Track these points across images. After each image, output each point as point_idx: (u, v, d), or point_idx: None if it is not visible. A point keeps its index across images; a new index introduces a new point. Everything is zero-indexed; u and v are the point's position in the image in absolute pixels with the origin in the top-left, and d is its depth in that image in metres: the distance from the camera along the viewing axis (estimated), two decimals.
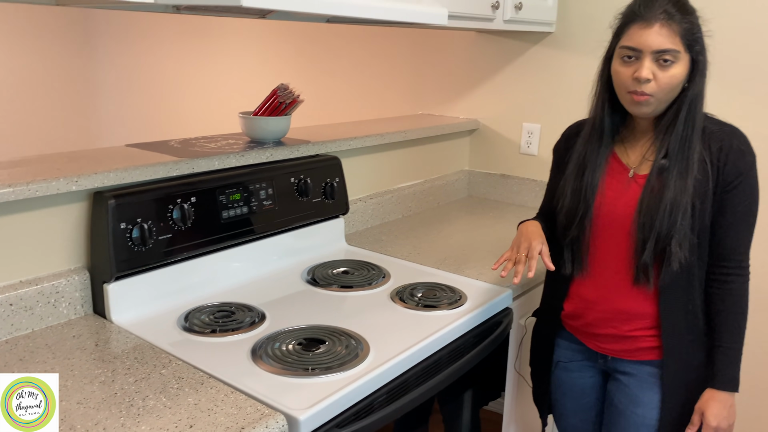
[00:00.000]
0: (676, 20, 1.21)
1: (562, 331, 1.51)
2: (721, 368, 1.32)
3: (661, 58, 1.21)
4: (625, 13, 1.27)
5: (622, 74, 1.26)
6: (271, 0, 1.10)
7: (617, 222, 1.33)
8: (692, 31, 1.22)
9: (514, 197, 2.50)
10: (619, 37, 1.27)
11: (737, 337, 1.32)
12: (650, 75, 1.22)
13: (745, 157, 1.26)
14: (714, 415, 1.31)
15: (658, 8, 1.21)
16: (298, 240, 1.77)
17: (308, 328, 1.36)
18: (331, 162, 1.86)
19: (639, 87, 1.23)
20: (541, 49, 2.35)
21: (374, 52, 2.82)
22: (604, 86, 1.35)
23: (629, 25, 1.25)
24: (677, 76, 1.23)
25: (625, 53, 1.25)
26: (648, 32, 1.21)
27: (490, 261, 1.80)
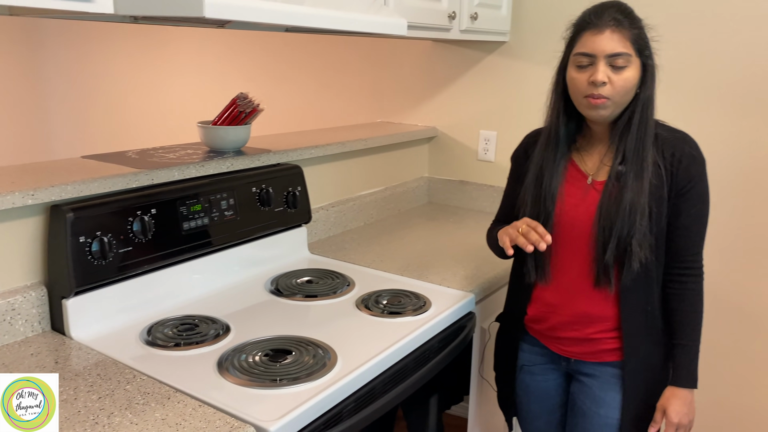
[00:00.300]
0: (626, 26, 1.26)
1: (526, 335, 1.53)
2: (681, 366, 1.37)
3: (614, 62, 1.26)
4: (577, 22, 1.32)
5: (577, 80, 1.30)
6: (233, 11, 1.10)
7: (578, 228, 1.37)
8: (641, 36, 1.28)
9: (472, 203, 2.54)
10: (573, 46, 1.32)
11: (696, 336, 1.37)
12: (605, 78, 1.26)
13: (696, 163, 1.32)
14: (675, 412, 1.36)
15: (607, 16, 1.27)
16: (261, 250, 1.76)
17: (274, 338, 1.35)
18: (292, 171, 1.86)
19: (595, 90, 1.27)
20: (495, 58, 2.40)
21: (332, 61, 2.83)
22: (559, 96, 1.39)
23: (581, 33, 1.30)
24: (630, 79, 1.27)
25: (580, 60, 1.29)
26: (600, 38, 1.26)
27: (453, 266, 1.83)
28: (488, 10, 2.17)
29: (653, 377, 1.40)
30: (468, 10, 2.05)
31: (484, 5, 2.14)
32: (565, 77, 1.35)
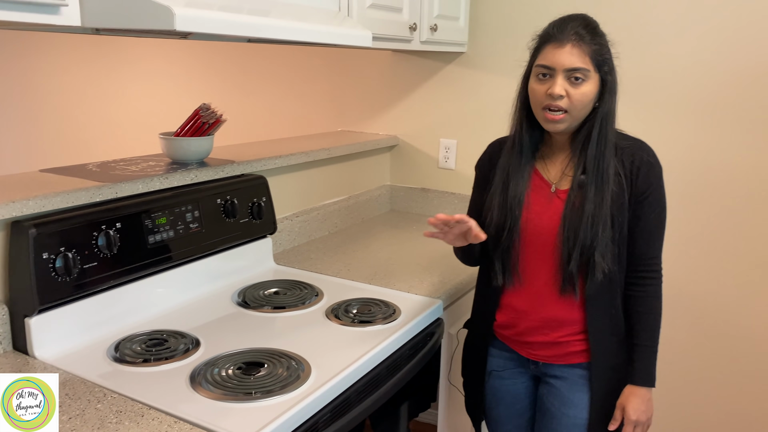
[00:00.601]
0: (587, 41, 1.30)
1: (495, 340, 1.56)
2: (639, 366, 1.42)
3: (572, 75, 1.30)
4: (541, 34, 1.36)
5: (537, 91, 1.34)
6: (204, 24, 1.10)
7: (543, 235, 1.40)
8: (601, 52, 1.32)
9: (434, 210, 2.57)
10: (535, 57, 1.36)
11: (654, 336, 1.42)
12: (563, 91, 1.30)
13: (654, 169, 1.37)
14: (634, 409, 1.41)
15: (570, 30, 1.30)
16: (227, 262, 1.75)
17: (246, 351, 1.34)
18: (257, 181, 1.85)
19: (553, 102, 1.31)
20: (454, 68, 2.45)
21: (292, 70, 2.83)
22: (522, 105, 1.42)
23: (544, 45, 1.33)
24: (588, 93, 1.31)
25: (540, 71, 1.33)
26: (560, 52, 1.30)
27: (419, 274, 1.85)
28: (447, 22, 2.21)
29: (619, 377, 1.44)
30: (428, 22, 2.09)
31: (442, 17, 2.18)
32: (527, 87, 1.38)
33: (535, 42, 1.37)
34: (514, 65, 2.30)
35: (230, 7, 1.28)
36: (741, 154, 2.03)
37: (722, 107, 2.04)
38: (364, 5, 1.78)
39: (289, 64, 2.83)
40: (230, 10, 1.27)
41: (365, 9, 1.79)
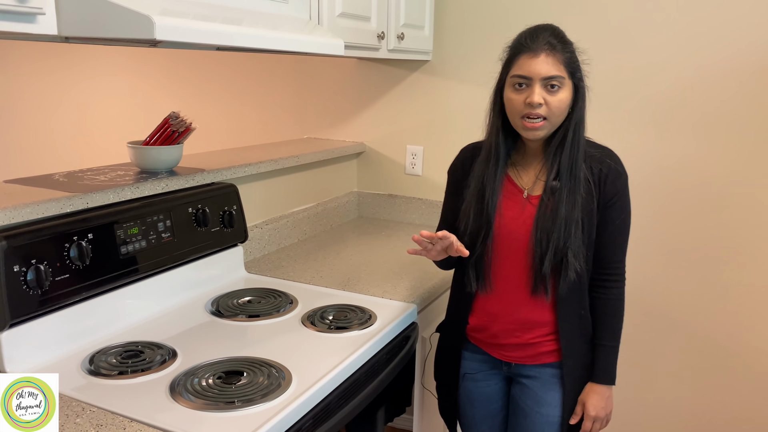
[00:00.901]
0: (559, 50, 1.34)
1: (468, 343, 1.59)
2: (601, 364, 1.47)
3: (549, 84, 1.34)
4: (513, 45, 1.39)
5: (514, 101, 1.37)
6: (184, 33, 1.09)
7: (516, 240, 1.44)
8: (572, 60, 1.37)
9: (402, 216, 2.60)
10: (509, 68, 1.38)
11: (616, 337, 1.48)
12: (541, 99, 1.33)
13: (620, 177, 1.43)
14: (593, 405, 1.46)
15: (542, 40, 1.34)
16: (199, 271, 1.73)
17: (225, 360, 1.34)
18: (227, 190, 1.84)
19: (532, 111, 1.34)
20: (420, 76, 2.48)
21: (256, 78, 2.82)
22: (497, 114, 1.44)
23: (518, 56, 1.36)
24: (564, 100, 1.36)
25: (517, 81, 1.36)
26: (536, 61, 1.33)
27: (392, 279, 1.87)
28: (413, 31, 2.25)
29: (588, 375, 1.49)
30: (395, 31, 2.12)
31: (408, 26, 2.21)
32: (502, 97, 1.41)
33: (507, 53, 1.40)
34: (477, 73, 2.37)
35: (204, 16, 1.29)
36: (700, 160, 2.12)
37: (683, 115, 2.12)
38: (334, 14, 1.80)
39: (252, 71, 2.82)
40: (204, 18, 1.27)
41: (335, 18, 1.80)
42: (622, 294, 1.48)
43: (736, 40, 2.01)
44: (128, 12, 1.03)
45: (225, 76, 2.89)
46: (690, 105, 2.10)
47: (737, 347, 2.19)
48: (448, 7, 2.38)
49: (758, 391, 2.18)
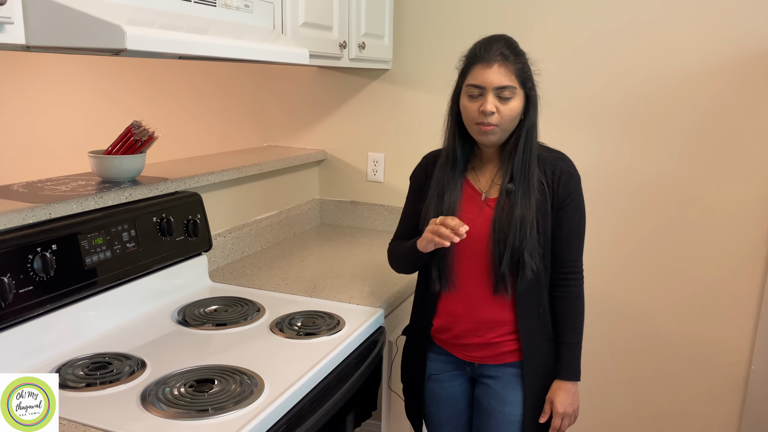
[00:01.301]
0: (511, 61, 1.41)
1: (433, 345, 1.63)
2: (565, 362, 1.53)
3: (501, 93, 1.40)
4: (468, 56, 1.45)
5: (469, 109, 1.43)
6: (155, 43, 1.10)
7: (476, 241, 1.49)
8: (524, 70, 1.43)
9: (364, 222, 2.62)
10: (465, 77, 1.44)
11: (578, 333, 1.54)
12: (494, 108, 1.40)
13: (573, 179, 1.49)
14: (561, 402, 1.52)
15: (495, 51, 1.40)
16: (164, 281, 1.72)
17: (195, 369, 1.34)
18: (191, 198, 1.84)
19: (485, 119, 1.40)
20: (380, 85, 2.52)
21: (215, 86, 2.81)
22: (454, 120, 1.51)
23: (472, 66, 1.43)
24: (516, 108, 1.42)
25: (471, 90, 1.42)
26: (489, 72, 1.39)
27: (358, 284, 1.89)
28: (373, 40, 2.28)
29: (549, 373, 1.55)
30: (356, 40, 2.15)
31: (369, 35, 2.25)
32: (458, 104, 1.47)
33: (462, 63, 1.46)
34: (435, 81, 2.42)
35: (170, 25, 1.29)
36: (646, 162, 2.22)
37: (630, 121, 2.22)
38: (298, 23, 1.82)
39: (211, 79, 2.81)
40: (171, 28, 1.27)
41: (299, 27, 1.82)
42: (581, 291, 1.54)
43: (675, 52, 2.12)
44: (99, 22, 1.03)
45: (183, 84, 2.87)
46: (636, 111, 2.20)
47: (690, 342, 2.29)
48: (406, 17, 2.43)
49: (712, 384, 2.29)
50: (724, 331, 2.23)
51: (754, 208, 2.13)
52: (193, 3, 1.42)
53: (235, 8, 1.55)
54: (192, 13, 1.43)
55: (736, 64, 2.07)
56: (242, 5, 1.58)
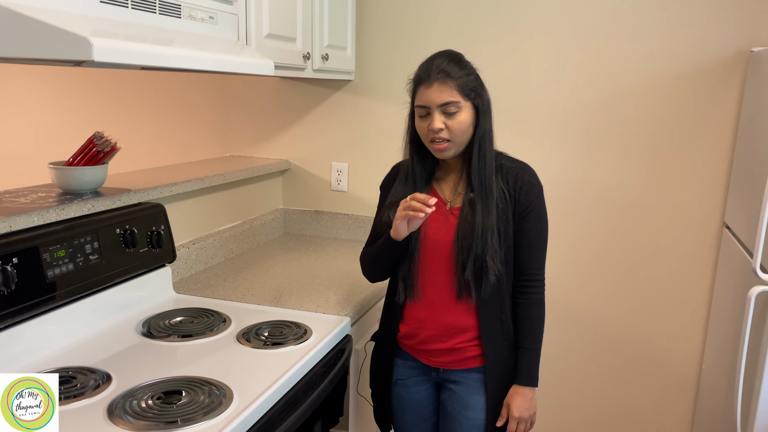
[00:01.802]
0: (452, 76, 1.44)
1: (399, 351, 1.66)
2: (523, 367, 1.57)
3: (446, 109, 1.44)
4: (413, 78, 1.50)
5: (421, 128, 1.48)
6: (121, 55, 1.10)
7: (441, 249, 1.52)
8: (466, 83, 1.46)
9: (328, 231, 2.64)
10: (413, 98, 1.50)
11: (537, 340, 1.58)
12: (441, 125, 1.44)
13: (535, 188, 1.54)
14: (517, 407, 1.55)
15: (435, 70, 1.44)
16: (127, 293, 1.70)
17: (162, 381, 1.33)
18: (155, 209, 1.82)
19: (436, 136, 1.45)
20: (343, 95, 2.55)
21: (177, 96, 2.79)
22: (411, 139, 1.55)
23: (417, 87, 1.48)
24: (464, 121, 1.46)
25: (420, 111, 1.47)
26: (430, 91, 1.44)
27: (324, 293, 1.90)
28: (336, 51, 2.31)
29: (512, 378, 1.58)
30: (319, 51, 2.18)
31: (332, 47, 2.27)
32: (414, 123, 1.52)
33: (410, 85, 1.51)
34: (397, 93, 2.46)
35: (135, 36, 1.29)
36: (604, 171, 2.30)
37: (587, 132, 2.30)
38: (262, 35, 1.83)
39: (173, 89, 2.79)
40: (135, 39, 1.27)
41: (263, 38, 1.84)
42: (542, 299, 1.59)
43: (629, 65, 2.21)
44: (64, 33, 1.02)
45: (145, 94, 2.84)
46: (593, 123, 2.28)
47: (645, 343, 2.37)
48: (368, 29, 2.46)
49: (667, 383, 2.38)
50: (677, 332, 2.32)
51: (703, 213, 2.23)
52: (158, 14, 1.42)
53: (199, 20, 1.55)
54: (157, 24, 1.43)
55: (686, 77, 2.17)
56: (207, 17, 1.58)
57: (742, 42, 2.10)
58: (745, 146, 2.00)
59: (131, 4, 1.35)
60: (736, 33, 2.10)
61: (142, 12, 1.38)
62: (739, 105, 2.13)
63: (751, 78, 2.04)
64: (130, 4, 1.35)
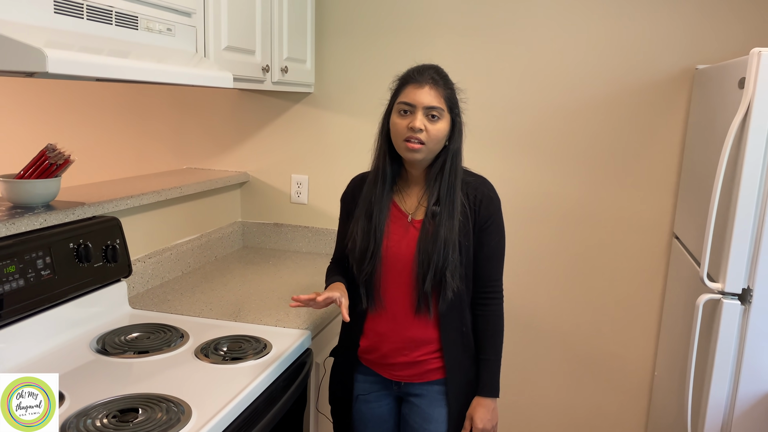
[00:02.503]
0: (441, 86, 1.48)
1: (360, 365, 1.65)
2: (485, 378, 1.58)
3: (430, 113, 1.46)
4: (402, 77, 1.52)
5: (399, 125, 1.49)
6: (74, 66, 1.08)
7: (401, 262, 1.53)
8: (452, 97, 1.50)
9: (288, 244, 2.63)
10: (397, 96, 1.51)
11: (497, 351, 1.60)
12: (422, 126, 1.46)
13: (493, 202, 1.57)
14: (480, 418, 1.57)
15: (427, 75, 1.48)
16: (82, 309, 1.66)
17: (118, 399, 1.30)
18: (110, 223, 1.79)
19: (413, 135, 1.46)
20: (302, 108, 2.55)
21: (133, 107, 2.74)
22: (384, 139, 1.56)
23: (405, 86, 1.49)
24: (442, 130, 1.48)
25: (403, 107, 1.48)
26: (421, 92, 1.46)
27: (284, 307, 1.89)
28: (295, 64, 2.31)
29: (473, 390, 1.60)
30: (279, 64, 2.17)
31: (291, 59, 2.27)
32: (389, 122, 1.52)
33: (396, 83, 1.53)
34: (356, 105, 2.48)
35: (91, 48, 1.27)
36: (558, 185, 2.36)
37: (541, 147, 2.35)
38: (220, 47, 1.82)
39: (129, 101, 2.74)
40: (91, 51, 1.25)
41: (221, 51, 1.83)
42: (501, 311, 1.61)
43: (580, 82, 2.28)
44: (18, 45, 1.00)
45: (99, 105, 2.78)
46: (547, 138, 2.34)
47: (600, 352, 2.43)
48: (328, 42, 2.48)
49: (622, 390, 2.43)
50: (630, 340, 2.39)
51: (653, 224, 2.31)
52: (114, 26, 1.41)
53: (157, 31, 1.54)
54: (113, 36, 1.41)
55: (636, 93, 2.25)
56: (164, 29, 1.57)
57: (688, 60, 2.19)
58: (692, 159, 2.08)
59: (87, 15, 1.33)
60: (682, 51, 2.19)
61: (98, 23, 1.36)
62: (686, 119, 2.22)
63: (696, 94, 2.13)
64: (86, 15, 1.32)
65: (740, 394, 1.60)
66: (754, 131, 1.50)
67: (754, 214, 1.54)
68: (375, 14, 2.42)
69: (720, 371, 1.61)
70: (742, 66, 1.58)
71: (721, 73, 1.82)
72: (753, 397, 1.59)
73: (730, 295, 1.60)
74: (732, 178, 1.58)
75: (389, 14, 2.41)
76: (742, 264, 1.57)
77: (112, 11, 1.40)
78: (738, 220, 1.55)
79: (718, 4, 2.15)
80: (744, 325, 1.58)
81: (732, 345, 1.59)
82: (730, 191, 1.58)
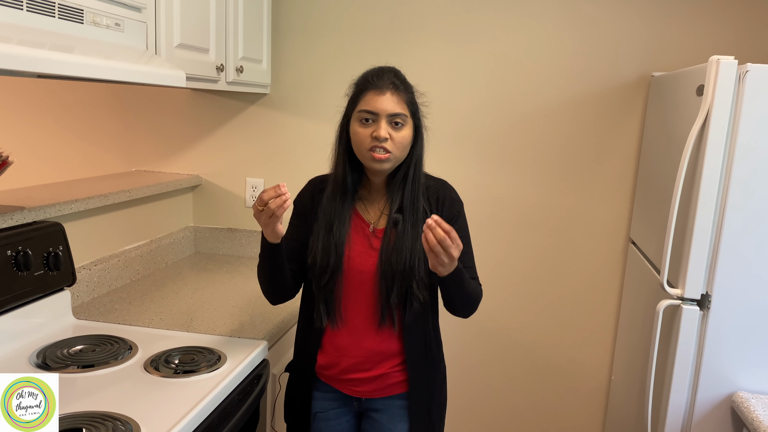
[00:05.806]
0: (402, 90, 1.42)
1: (317, 382, 1.57)
2: None
3: (393, 120, 1.40)
4: (359, 82, 1.45)
5: (361, 135, 1.41)
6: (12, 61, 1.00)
7: (364, 273, 1.47)
8: (413, 101, 1.45)
9: (242, 250, 2.54)
10: (356, 103, 1.43)
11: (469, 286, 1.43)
12: (387, 134, 1.39)
13: (456, 203, 1.53)
14: None
15: (387, 80, 1.41)
16: (20, 320, 1.55)
17: (61, 418, 1.20)
18: (52, 229, 1.68)
19: (378, 144, 1.39)
20: (258, 109, 2.48)
21: (78, 106, 2.61)
22: (344, 148, 1.47)
23: (364, 92, 1.42)
24: (407, 136, 1.43)
25: (364, 116, 1.40)
26: (382, 98, 1.39)
27: (239, 315, 1.82)
28: (251, 64, 2.24)
29: (434, 403, 1.55)
30: (234, 63, 2.10)
31: (247, 59, 2.20)
32: (348, 131, 1.45)
33: (353, 89, 1.45)
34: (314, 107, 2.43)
35: (31, 42, 1.19)
36: (517, 189, 2.36)
37: (501, 151, 2.35)
38: (172, 45, 1.74)
39: (73, 99, 2.61)
40: (32, 44, 1.17)
41: (173, 48, 1.75)
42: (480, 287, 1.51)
43: (540, 87, 2.29)
44: None
45: (41, 104, 2.64)
46: (507, 142, 2.34)
47: (558, 356, 2.43)
48: (284, 43, 2.41)
49: (579, 393, 2.44)
50: (587, 344, 2.40)
51: (610, 229, 2.33)
52: (57, 18, 1.31)
53: (104, 26, 1.45)
54: (56, 30, 1.32)
55: (593, 99, 2.27)
56: (112, 23, 1.48)
57: (644, 67, 2.22)
58: (648, 165, 2.11)
59: (26, 6, 1.23)
60: (638, 59, 2.22)
61: (39, 15, 1.27)
62: (642, 125, 2.25)
63: (652, 100, 2.15)
64: (26, 6, 1.23)
65: (699, 398, 1.61)
66: (713, 138, 1.52)
67: (712, 220, 1.56)
68: (332, 14, 2.37)
69: (679, 376, 1.61)
70: (700, 73, 1.60)
71: (678, 80, 1.84)
72: (712, 402, 1.61)
73: (689, 300, 1.61)
74: (691, 186, 1.59)
75: (346, 14, 2.36)
76: (700, 270, 1.58)
77: (54, 3, 1.31)
78: (697, 226, 1.56)
79: (674, 12, 2.18)
80: (703, 331, 1.60)
81: (691, 350, 1.60)
82: (689, 198, 1.59)
